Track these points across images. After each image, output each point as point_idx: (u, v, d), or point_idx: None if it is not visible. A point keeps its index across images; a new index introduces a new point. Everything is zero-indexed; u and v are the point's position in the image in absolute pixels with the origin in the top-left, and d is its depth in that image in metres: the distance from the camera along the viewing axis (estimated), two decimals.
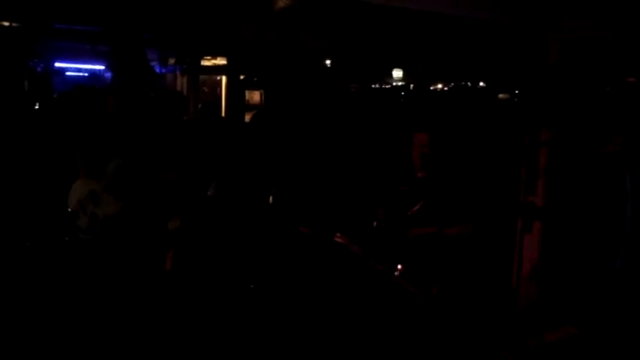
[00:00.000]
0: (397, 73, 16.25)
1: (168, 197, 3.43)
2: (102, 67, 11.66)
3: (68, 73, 11.52)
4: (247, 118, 9.79)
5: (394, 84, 16.82)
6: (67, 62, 11.52)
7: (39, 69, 10.83)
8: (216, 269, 4.36)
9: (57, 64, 11.25)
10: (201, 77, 12.33)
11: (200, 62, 11.57)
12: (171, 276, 3.43)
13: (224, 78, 13.00)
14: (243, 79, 11.48)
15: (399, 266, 3.40)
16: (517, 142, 4.13)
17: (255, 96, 12.79)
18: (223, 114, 11.69)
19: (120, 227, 3.13)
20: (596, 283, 3.79)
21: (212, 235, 4.21)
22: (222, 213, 4.36)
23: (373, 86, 15.79)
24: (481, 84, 18.06)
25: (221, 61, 12.08)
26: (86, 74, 11.87)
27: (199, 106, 8.92)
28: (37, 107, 8.84)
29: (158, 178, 3.35)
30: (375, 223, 3.75)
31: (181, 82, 11.91)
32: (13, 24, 9.45)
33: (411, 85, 16.13)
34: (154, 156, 3.40)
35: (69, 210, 3.23)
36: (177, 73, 11.89)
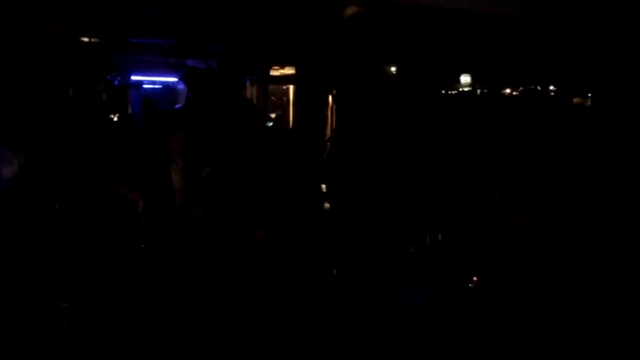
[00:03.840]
0: (465, 79, 15.96)
1: (251, 208, 3.53)
2: (174, 80, 12.05)
3: (145, 86, 11.94)
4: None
5: (461, 89, 16.55)
6: (142, 75, 11.92)
7: (116, 82, 11.27)
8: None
9: (133, 77, 11.66)
10: (270, 87, 12.54)
11: (269, 72, 11.76)
12: (264, 279, 3.55)
13: (291, 87, 13.15)
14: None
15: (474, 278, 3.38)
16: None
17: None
18: (291, 123, 11.85)
19: (203, 232, 3.24)
20: None
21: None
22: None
23: (442, 92, 15.59)
24: (551, 87, 17.56)
25: (289, 70, 12.23)
26: (160, 86, 12.27)
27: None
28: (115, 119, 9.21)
29: (242, 189, 3.45)
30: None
31: (251, 92, 12.13)
32: (92, 39, 9.88)
33: (478, 90, 15.83)
34: (242, 168, 3.51)
35: (174, 209, 3.38)
36: (247, 83, 12.11)
